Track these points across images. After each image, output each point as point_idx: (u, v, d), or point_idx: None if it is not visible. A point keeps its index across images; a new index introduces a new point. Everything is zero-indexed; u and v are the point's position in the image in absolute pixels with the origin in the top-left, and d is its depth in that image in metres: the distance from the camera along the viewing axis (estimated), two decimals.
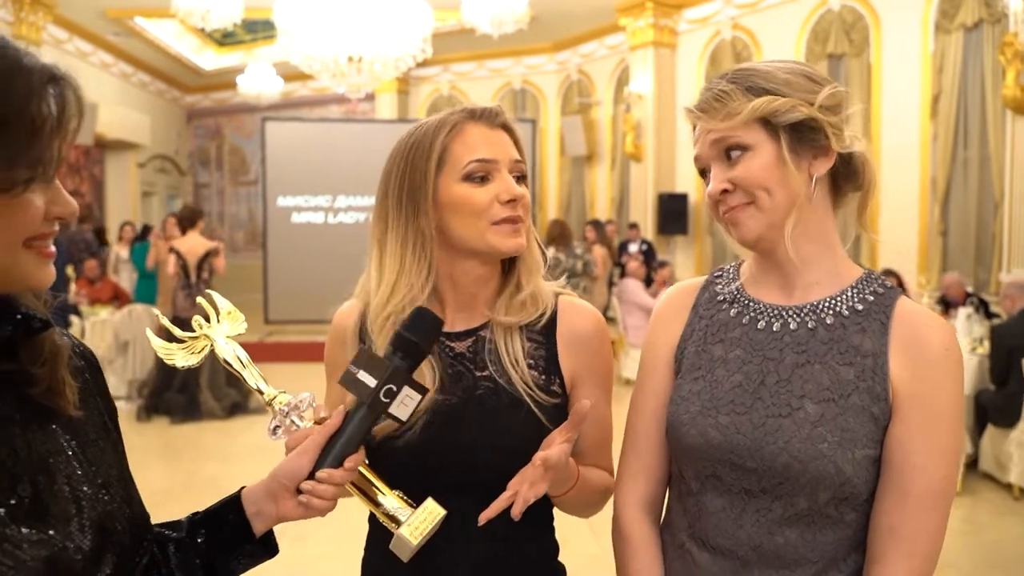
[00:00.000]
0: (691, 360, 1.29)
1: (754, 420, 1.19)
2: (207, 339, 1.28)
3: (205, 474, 5.60)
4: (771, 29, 10.46)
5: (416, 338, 1.12)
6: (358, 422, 1.10)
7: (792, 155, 1.17)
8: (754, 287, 1.29)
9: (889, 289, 1.22)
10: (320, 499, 1.08)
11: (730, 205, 1.21)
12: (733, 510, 1.21)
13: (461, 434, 1.27)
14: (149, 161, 15.41)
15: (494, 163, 1.30)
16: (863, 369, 1.17)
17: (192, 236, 7.38)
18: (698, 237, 11.65)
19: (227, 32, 13.82)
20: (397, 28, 9.07)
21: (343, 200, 11.75)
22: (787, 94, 1.17)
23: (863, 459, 1.15)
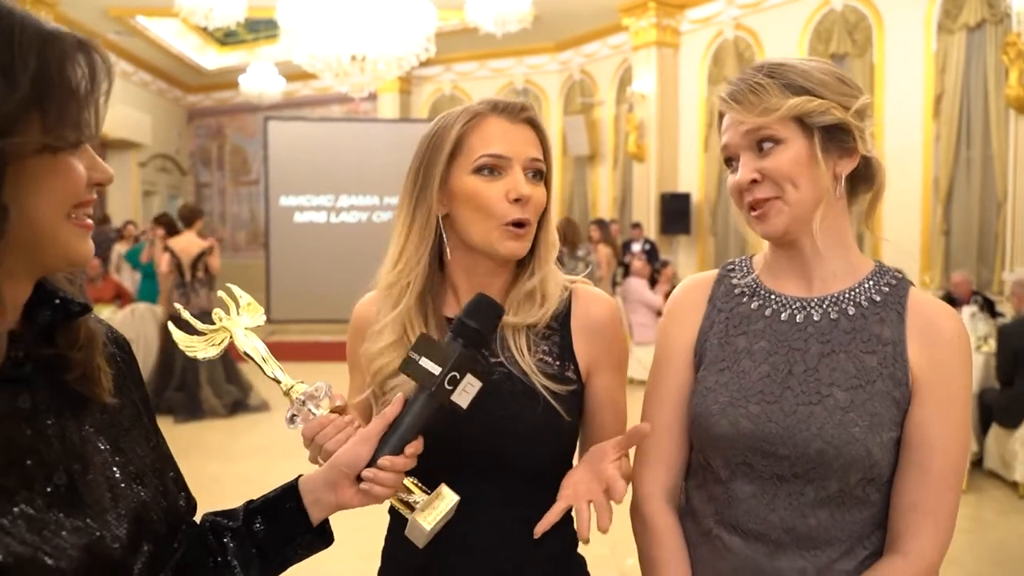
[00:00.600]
0: (714, 352, 1.32)
1: (785, 408, 1.24)
2: (226, 331, 1.28)
3: (208, 473, 5.58)
4: (774, 29, 10.45)
5: (478, 325, 1.11)
6: (419, 409, 1.09)
7: (823, 154, 1.23)
8: (772, 280, 1.34)
9: (901, 280, 1.29)
10: (382, 486, 1.08)
11: (756, 197, 1.25)
12: (765, 495, 1.25)
13: (476, 416, 1.24)
14: (150, 160, 15.40)
15: (506, 159, 1.29)
16: (885, 356, 1.23)
17: (187, 235, 7.38)
18: (700, 237, 11.64)
19: (229, 31, 13.81)
20: (400, 27, 9.06)
21: (345, 200, 11.74)
22: (822, 95, 1.22)
23: (889, 441, 1.22)
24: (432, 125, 1.35)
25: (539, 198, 1.31)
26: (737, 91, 1.25)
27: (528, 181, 1.30)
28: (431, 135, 1.34)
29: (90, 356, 0.91)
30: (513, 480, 1.28)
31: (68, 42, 0.81)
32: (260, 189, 14.82)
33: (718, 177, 11.29)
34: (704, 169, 11.51)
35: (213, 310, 1.30)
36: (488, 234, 1.29)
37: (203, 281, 7.19)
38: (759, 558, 1.25)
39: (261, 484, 1.23)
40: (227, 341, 1.28)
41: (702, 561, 1.32)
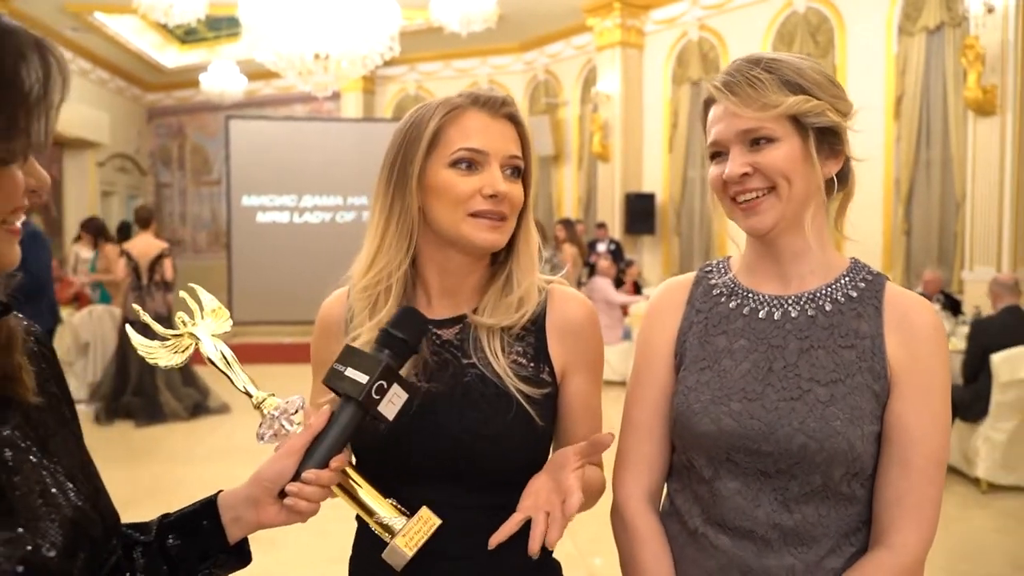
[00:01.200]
0: (695, 352, 1.33)
1: (766, 405, 1.25)
2: (192, 337, 1.22)
3: (171, 478, 5.48)
4: (738, 30, 10.53)
5: (404, 335, 1.09)
6: (345, 421, 1.07)
7: (816, 152, 1.25)
8: (749, 279, 1.35)
9: (876, 276, 1.31)
10: (306, 501, 1.04)
11: (747, 187, 1.26)
12: (750, 492, 1.25)
13: (447, 420, 1.24)
14: (109, 160, 15.12)
15: (484, 154, 1.26)
16: (863, 350, 1.25)
17: (144, 237, 7.25)
18: (665, 237, 11.69)
19: (190, 29, 13.60)
20: (364, 26, 8.98)
21: (309, 200, 11.64)
22: (818, 96, 1.24)
23: (870, 434, 1.23)
24: (407, 117, 1.32)
25: (516, 196, 1.28)
26: (734, 82, 1.25)
27: (506, 178, 1.27)
28: (407, 127, 1.30)
29: (10, 354, 0.86)
30: (485, 484, 1.24)
31: (23, 40, 0.76)
32: (222, 189, 14.62)
33: (682, 177, 11.35)
34: (668, 169, 11.55)
35: (176, 314, 1.24)
36: (458, 226, 1.26)
37: (159, 284, 7.06)
38: (747, 556, 1.25)
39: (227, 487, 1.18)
40: (192, 349, 1.22)
41: (689, 561, 1.31)
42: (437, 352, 1.29)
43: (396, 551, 1.07)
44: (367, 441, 1.24)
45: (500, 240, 1.27)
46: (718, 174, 1.28)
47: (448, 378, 1.26)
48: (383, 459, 1.23)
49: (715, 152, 1.30)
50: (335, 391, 1.09)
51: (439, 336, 1.30)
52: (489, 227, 1.26)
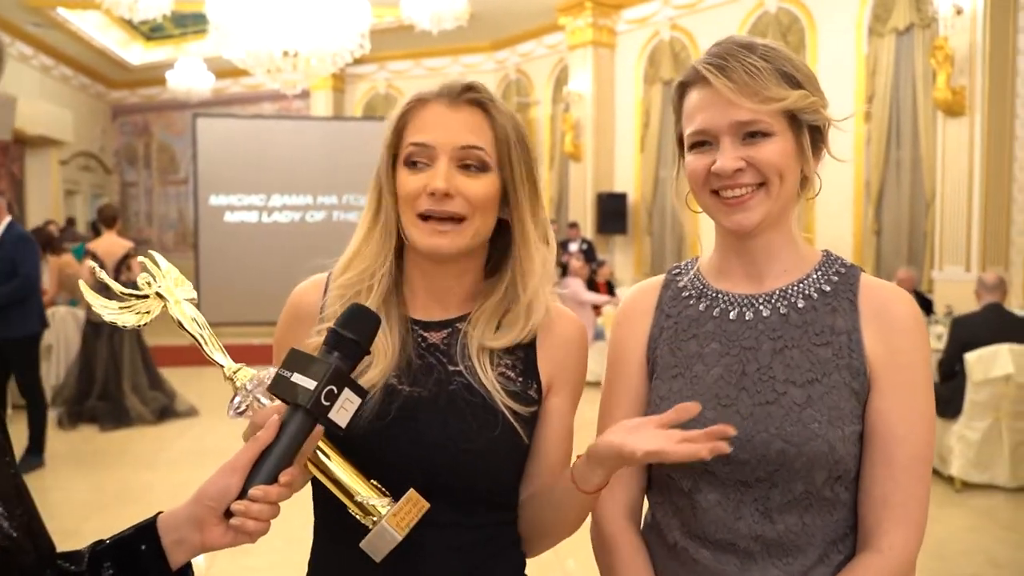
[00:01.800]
0: (665, 359, 1.27)
1: (741, 411, 1.18)
2: (159, 298, 1.13)
3: (138, 483, 5.35)
4: (709, 30, 10.54)
5: (354, 335, 1.01)
6: (294, 431, 0.98)
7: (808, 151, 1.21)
8: (719, 279, 1.29)
9: (850, 268, 1.25)
10: (255, 520, 0.95)
11: (738, 182, 1.18)
12: (730, 503, 1.19)
13: (429, 429, 1.16)
14: (72, 158, 14.86)
15: (429, 148, 1.16)
16: (839, 347, 1.19)
17: (108, 237, 7.11)
18: (637, 236, 11.70)
19: (155, 25, 13.39)
20: (334, 23, 8.89)
21: (278, 199, 11.51)
22: (813, 92, 1.19)
23: (851, 435, 1.17)
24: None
25: (473, 192, 1.16)
26: (730, 68, 1.15)
27: (462, 173, 1.16)
28: (388, 124, 1.23)
29: None
30: (466, 500, 1.17)
31: None
32: (189, 188, 14.44)
33: (654, 177, 11.36)
34: (640, 169, 11.56)
35: (139, 276, 1.16)
36: (409, 229, 1.18)
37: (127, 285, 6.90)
38: (729, 570, 1.18)
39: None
40: (158, 310, 1.13)
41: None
42: (422, 355, 1.21)
43: (385, 534, 1.00)
44: (339, 444, 1.15)
45: (446, 245, 1.16)
46: (703, 165, 1.19)
47: (432, 384, 1.19)
48: (359, 467, 1.13)
49: (698, 141, 1.20)
50: (282, 399, 1.00)
51: (425, 339, 1.23)
52: (431, 231, 1.16)
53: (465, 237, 1.17)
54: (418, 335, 1.23)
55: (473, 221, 1.17)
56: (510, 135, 1.20)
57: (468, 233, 1.17)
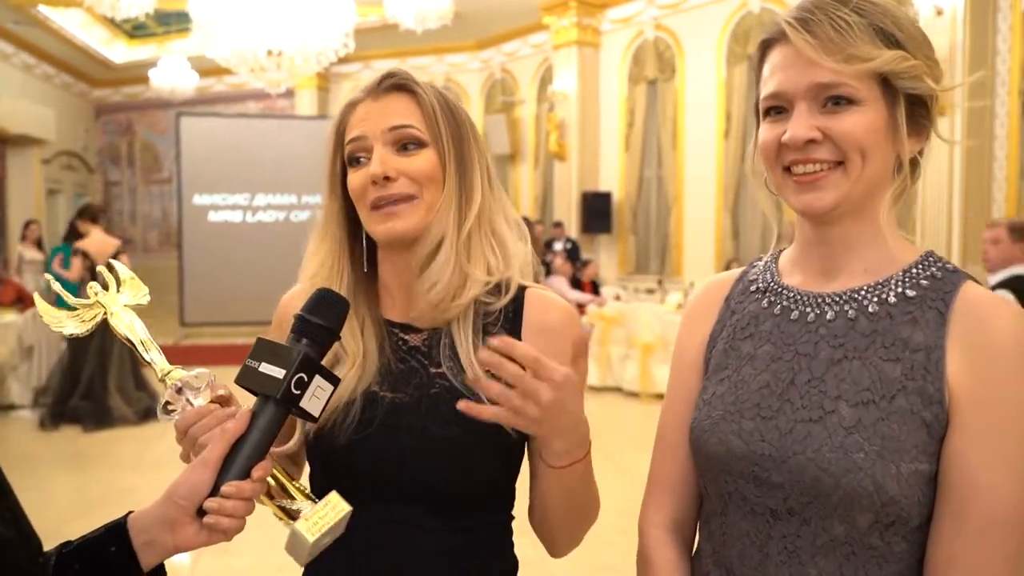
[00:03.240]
0: (718, 359, 1.13)
1: (781, 426, 1.02)
2: (100, 307, 1.14)
3: (120, 485, 5.33)
4: (693, 30, 10.60)
5: (322, 320, 0.99)
6: (265, 423, 0.96)
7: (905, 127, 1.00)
8: (791, 273, 1.12)
9: (951, 272, 1.02)
10: (229, 518, 0.93)
11: (810, 157, 1.00)
12: (759, 536, 1.03)
13: (411, 437, 1.14)
14: (55, 157, 14.75)
15: (363, 139, 1.18)
16: (912, 366, 0.97)
17: (97, 234, 7.09)
18: (621, 236, 11.73)
19: (138, 23, 13.31)
20: (318, 22, 8.87)
21: (262, 198, 11.47)
22: (914, 53, 0.98)
23: (911, 475, 0.95)
24: None
25: (415, 168, 1.17)
26: (814, 21, 0.98)
27: (398, 154, 1.17)
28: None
29: None
30: (453, 503, 1.16)
31: None
32: (173, 188, 14.36)
33: (639, 176, 11.40)
34: (625, 168, 11.59)
35: (88, 285, 1.17)
36: (367, 223, 1.19)
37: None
38: None
39: None
40: (99, 318, 1.14)
41: None
42: (403, 359, 1.20)
43: (298, 538, 0.95)
44: (323, 455, 1.16)
45: (399, 227, 1.16)
46: (774, 136, 1.01)
47: (413, 388, 1.17)
48: (341, 475, 1.14)
49: (772, 107, 1.03)
50: (250, 390, 0.98)
51: (405, 341, 1.21)
52: (383, 217, 1.16)
53: (418, 213, 1.17)
54: (398, 338, 1.22)
55: (423, 197, 1.17)
56: (436, 108, 1.20)
57: (420, 210, 1.17)
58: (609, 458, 6.01)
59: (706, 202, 10.54)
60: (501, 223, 1.24)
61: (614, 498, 4.68)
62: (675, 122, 10.93)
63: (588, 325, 8.69)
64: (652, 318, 8.31)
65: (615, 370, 8.65)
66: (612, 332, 8.67)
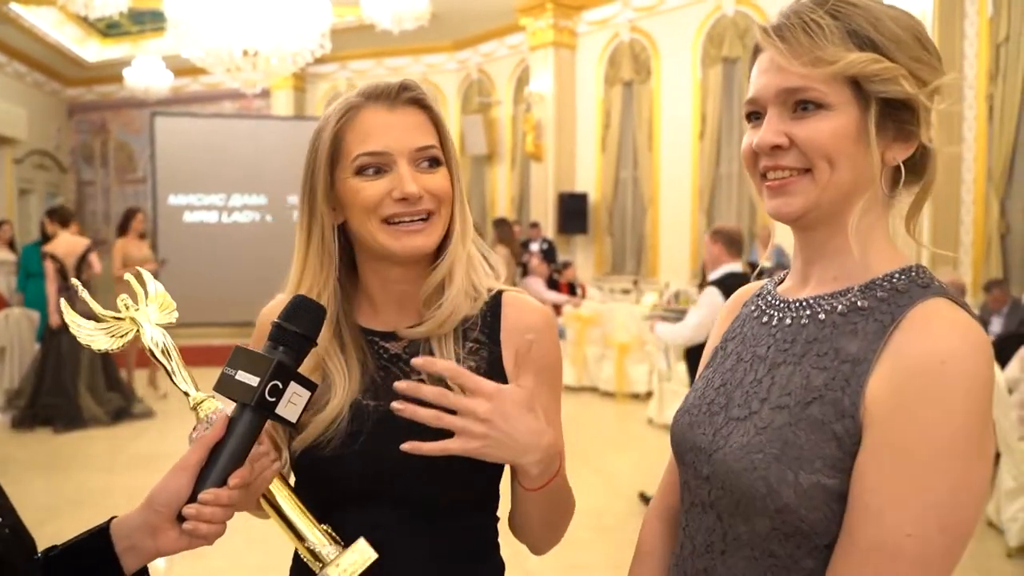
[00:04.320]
0: (711, 356, 1.17)
1: (717, 422, 1.04)
2: (133, 323, 1.12)
3: (94, 487, 5.29)
4: (668, 32, 10.68)
5: (299, 328, 1.01)
6: (242, 431, 0.98)
7: (876, 132, 0.95)
8: (787, 279, 1.12)
9: (921, 288, 0.96)
10: (208, 524, 0.95)
11: (778, 164, 0.98)
12: (693, 525, 1.06)
13: (395, 444, 1.13)
14: (26, 157, 14.58)
15: (386, 155, 1.15)
16: (835, 376, 0.94)
17: (65, 236, 7.04)
18: (598, 237, 11.79)
19: (112, 22, 13.20)
20: (294, 22, 8.84)
21: (238, 199, 11.42)
22: (893, 55, 0.94)
23: (812, 487, 0.91)
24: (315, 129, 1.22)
25: (438, 187, 1.17)
26: (786, 26, 0.96)
27: (420, 172, 1.17)
28: (312, 138, 1.20)
29: None
30: (441, 507, 1.17)
31: None
32: (147, 188, 14.23)
33: (615, 177, 11.45)
34: (601, 169, 11.65)
35: (119, 297, 1.15)
36: (375, 236, 1.16)
37: (89, 284, 6.80)
38: None
39: None
40: (132, 335, 1.13)
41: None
42: (385, 367, 1.20)
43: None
44: (308, 462, 1.16)
45: (425, 243, 1.17)
46: (749, 142, 1.01)
47: (396, 396, 1.16)
48: (326, 482, 1.15)
49: (750, 112, 1.02)
50: (228, 398, 0.99)
51: (386, 350, 1.21)
52: (408, 232, 1.16)
53: (437, 231, 1.18)
54: (379, 347, 1.22)
55: (441, 215, 1.18)
56: (445, 127, 1.22)
57: (439, 227, 1.18)
58: (584, 458, 6.04)
59: (681, 203, 10.62)
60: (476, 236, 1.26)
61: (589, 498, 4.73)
62: (651, 123, 10.99)
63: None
64: (628, 318, 8.36)
65: (591, 370, 8.69)
66: (588, 332, 8.71)
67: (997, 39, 7.46)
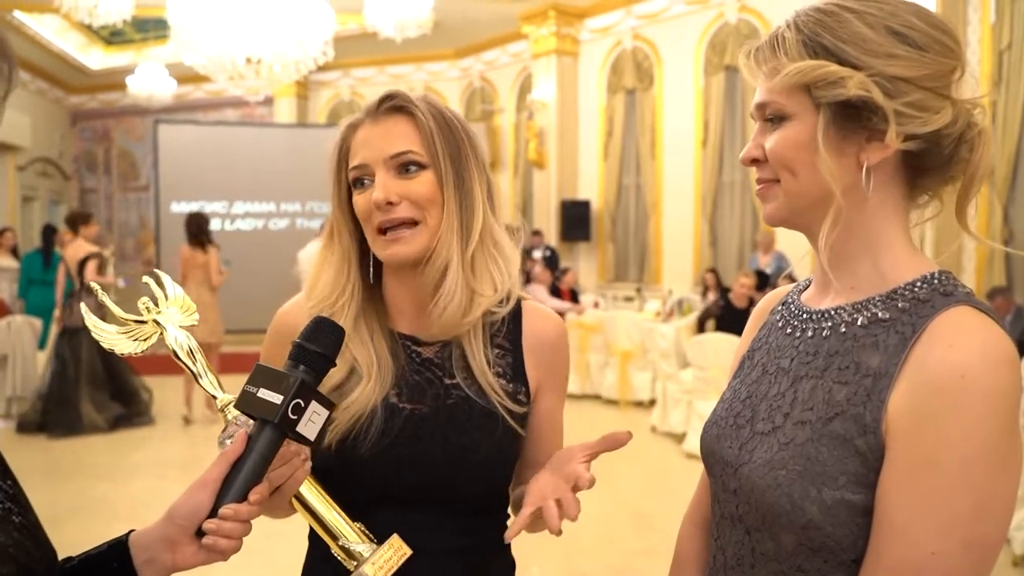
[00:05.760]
0: (739, 366, 1.16)
1: (743, 435, 1.04)
2: (156, 326, 1.12)
3: (95, 495, 5.27)
4: (671, 40, 10.68)
5: (319, 348, 1.03)
6: (263, 447, 0.99)
7: (835, 136, 0.95)
8: (810, 287, 1.11)
9: (943, 296, 0.93)
10: (227, 539, 0.97)
11: (758, 176, 1.02)
12: (724, 538, 1.07)
13: (432, 447, 1.19)
14: (30, 164, 14.61)
15: (366, 167, 1.20)
16: (857, 391, 0.93)
17: (77, 241, 7.14)
18: (600, 243, 11.78)
19: (115, 30, 13.23)
20: (297, 29, 8.85)
21: (240, 206, 11.43)
22: (849, 57, 0.93)
23: (837, 503, 0.91)
24: None
25: (415, 192, 1.18)
26: (761, 44, 0.99)
27: (400, 178, 1.19)
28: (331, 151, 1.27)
29: None
30: (467, 509, 1.21)
31: None
32: (150, 195, 14.25)
33: (617, 184, 11.45)
34: (604, 176, 11.65)
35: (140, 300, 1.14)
36: (372, 244, 1.21)
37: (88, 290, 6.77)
38: None
39: (157, 506, 1.12)
40: (155, 338, 1.12)
41: None
42: (418, 371, 1.24)
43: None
44: (343, 465, 1.18)
45: (403, 251, 1.19)
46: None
47: (431, 399, 1.22)
48: (360, 484, 1.17)
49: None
50: (249, 415, 1.01)
51: (419, 354, 1.25)
52: (391, 240, 1.19)
53: (420, 238, 1.19)
54: (411, 351, 1.25)
55: (427, 222, 1.19)
56: (434, 130, 1.21)
57: (424, 233, 1.20)
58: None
59: (684, 210, 10.61)
60: (502, 235, 1.27)
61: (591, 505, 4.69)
62: (653, 131, 10.99)
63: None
64: (631, 326, 8.34)
65: (594, 378, 8.67)
66: (591, 340, 8.69)
67: (1000, 46, 7.46)
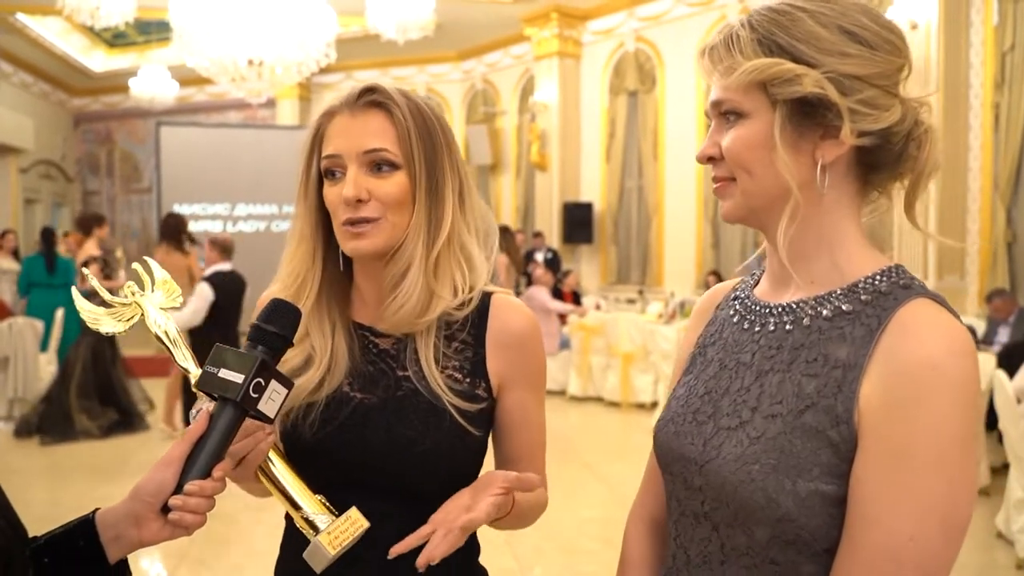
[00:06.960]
0: (690, 362, 1.16)
1: (706, 431, 1.03)
2: (138, 307, 1.16)
3: (96, 496, 5.28)
4: (673, 42, 10.68)
5: (277, 329, 1.06)
6: (225, 425, 1.02)
7: (791, 134, 0.96)
8: (763, 282, 1.11)
9: (903, 288, 0.95)
10: (192, 514, 1.00)
11: (715, 173, 1.03)
12: (684, 537, 1.06)
13: (376, 435, 1.20)
14: (32, 167, 14.64)
15: (338, 158, 1.20)
16: (828, 382, 0.94)
17: (87, 244, 7.23)
18: (603, 246, 11.78)
19: (118, 32, 13.26)
20: (299, 32, 8.86)
21: (243, 208, 11.45)
22: (803, 56, 0.94)
23: (811, 495, 0.92)
24: None
25: (383, 192, 1.19)
26: (715, 43, 1.00)
27: (372, 176, 1.19)
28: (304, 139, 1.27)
29: None
30: (413, 497, 1.20)
31: None
32: (152, 197, 14.28)
33: (620, 186, 11.45)
34: (606, 178, 11.65)
35: (125, 284, 1.19)
36: (339, 235, 1.22)
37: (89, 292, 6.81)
38: None
39: None
40: (136, 319, 1.16)
41: None
42: (374, 362, 1.25)
43: (319, 549, 1.04)
44: (292, 449, 1.20)
45: (364, 247, 1.20)
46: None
47: (381, 390, 1.23)
48: (308, 468, 1.17)
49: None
50: (210, 395, 1.04)
51: (376, 344, 1.26)
52: (351, 235, 1.20)
53: (382, 234, 1.20)
54: (368, 341, 1.27)
55: (389, 219, 1.20)
56: (411, 130, 1.21)
57: (386, 230, 1.20)
58: (588, 468, 6.02)
59: (686, 212, 10.61)
60: (470, 240, 1.27)
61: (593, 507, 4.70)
62: (656, 133, 10.99)
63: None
64: (633, 328, 8.34)
65: (596, 380, 8.67)
66: (593, 342, 8.69)
67: (1003, 47, 7.45)
